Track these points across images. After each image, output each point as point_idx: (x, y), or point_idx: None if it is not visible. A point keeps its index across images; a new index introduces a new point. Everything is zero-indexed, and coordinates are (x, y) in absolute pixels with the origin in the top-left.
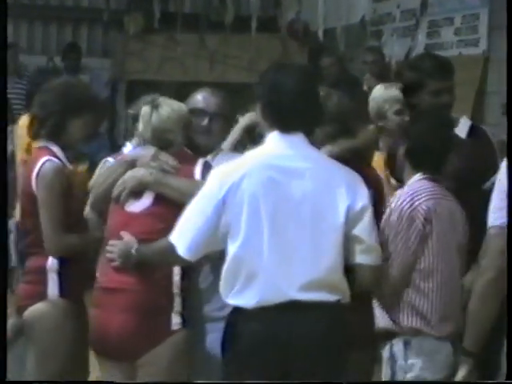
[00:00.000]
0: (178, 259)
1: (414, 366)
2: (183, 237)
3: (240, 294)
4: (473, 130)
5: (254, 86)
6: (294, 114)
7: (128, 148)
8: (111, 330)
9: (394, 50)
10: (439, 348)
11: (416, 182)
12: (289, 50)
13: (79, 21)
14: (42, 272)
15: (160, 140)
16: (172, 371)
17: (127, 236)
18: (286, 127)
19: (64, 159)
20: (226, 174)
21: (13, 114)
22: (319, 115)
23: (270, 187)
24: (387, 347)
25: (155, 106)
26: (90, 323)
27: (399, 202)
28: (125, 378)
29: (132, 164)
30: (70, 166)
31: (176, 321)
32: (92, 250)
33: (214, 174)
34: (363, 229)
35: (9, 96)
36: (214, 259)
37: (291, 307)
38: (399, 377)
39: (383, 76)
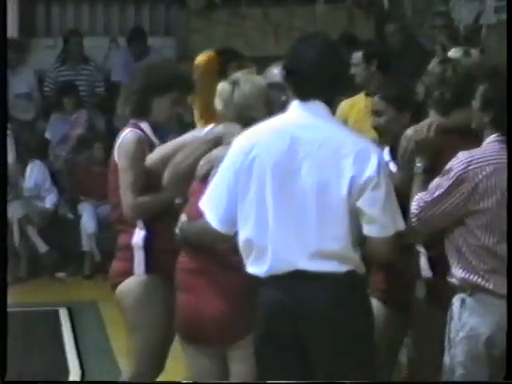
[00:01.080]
0: (216, 234)
1: (465, 325)
2: (213, 210)
3: (253, 263)
4: None
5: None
6: (311, 82)
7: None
8: (207, 315)
9: (462, 15)
10: (494, 307)
11: (486, 145)
12: (354, 20)
13: (141, 0)
14: (128, 249)
15: (243, 118)
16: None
17: (182, 215)
18: (303, 96)
19: (152, 136)
20: (241, 142)
21: (82, 101)
22: (341, 85)
23: (278, 157)
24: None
25: (235, 83)
26: (177, 308)
27: (456, 162)
28: (215, 363)
29: (216, 142)
30: (157, 143)
31: None
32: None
33: (234, 142)
34: (365, 200)
35: (77, 83)
36: None
37: (299, 276)
38: (453, 337)
39: (453, 41)
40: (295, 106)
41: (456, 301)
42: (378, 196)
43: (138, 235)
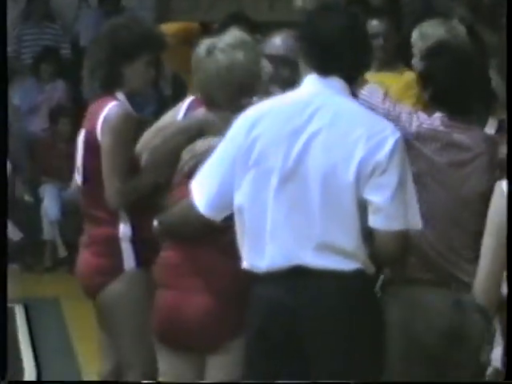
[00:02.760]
0: (200, 219)
1: None
2: (203, 193)
3: (250, 257)
4: None
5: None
6: (333, 56)
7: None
8: (185, 314)
9: None
10: None
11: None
12: None
13: None
14: (113, 242)
15: (231, 98)
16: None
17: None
18: (323, 70)
19: (130, 108)
20: (243, 121)
21: (61, 70)
22: (362, 61)
23: (283, 137)
24: None
25: (210, 51)
26: (155, 306)
27: None
28: (192, 371)
29: (199, 131)
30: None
31: None
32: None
33: (237, 120)
34: (371, 186)
35: (42, 43)
36: None
37: (301, 273)
38: None
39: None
40: (312, 80)
41: None
42: (386, 182)
43: (126, 226)
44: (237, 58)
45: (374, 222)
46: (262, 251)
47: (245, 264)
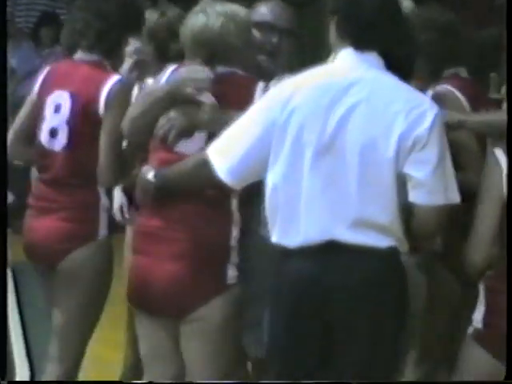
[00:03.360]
0: (213, 180)
1: None
2: (225, 155)
3: (281, 232)
4: None
5: None
6: (371, 30)
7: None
8: (157, 279)
9: None
10: None
11: None
12: None
13: None
14: (91, 208)
15: (211, 57)
16: (224, 330)
17: (145, 167)
18: (360, 44)
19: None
20: (279, 91)
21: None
22: (399, 37)
23: (319, 110)
24: None
25: (204, 13)
26: (128, 272)
27: None
28: (167, 336)
29: (173, 97)
30: None
31: (233, 274)
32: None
33: (270, 91)
34: (412, 162)
35: (37, 8)
36: None
37: (334, 248)
38: None
39: None
40: (347, 54)
41: None
42: (427, 157)
43: (104, 195)
44: (213, 24)
45: (416, 197)
46: (296, 227)
47: (274, 239)
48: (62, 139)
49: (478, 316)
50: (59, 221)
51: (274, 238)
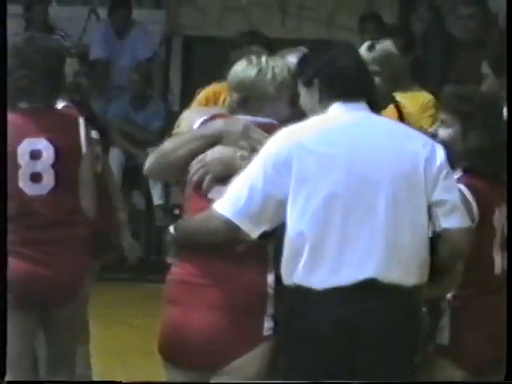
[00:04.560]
0: (221, 225)
1: None
2: (231, 200)
3: (307, 273)
4: None
5: (299, 68)
6: (356, 83)
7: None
8: (192, 330)
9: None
10: None
11: None
12: (374, 1)
13: None
14: (85, 241)
15: (257, 109)
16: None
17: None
18: (350, 96)
19: None
20: (290, 135)
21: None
22: (373, 87)
23: (336, 157)
24: None
25: (261, 66)
26: (162, 322)
27: None
28: None
29: (215, 140)
30: None
31: (268, 325)
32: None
33: (276, 135)
34: (443, 188)
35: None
36: None
37: (366, 289)
38: None
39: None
40: (339, 106)
41: None
42: (452, 183)
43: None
44: (251, 72)
45: (453, 221)
46: (325, 268)
47: (295, 280)
48: (48, 183)
49: (443, 334)
50: (70, 255)
51: (296, 280)
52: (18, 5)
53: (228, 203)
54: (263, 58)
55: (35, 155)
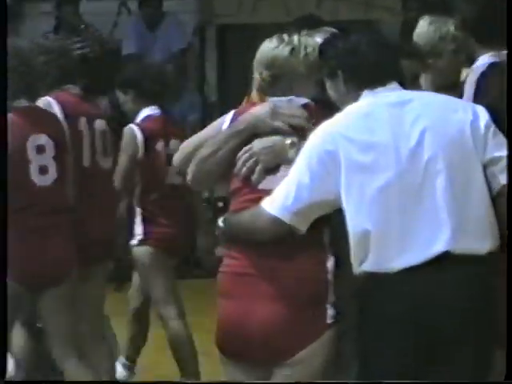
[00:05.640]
0: (269, 222)
1: None
2: (279, 198)
3: (376, 260)
4: None
5: (321, 58)
6: (382, 68)
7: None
8: (253, 323)
9: None
10: None
11: None
12: None
13: None
14: None
15: (288, 89)
16: (322, 374)
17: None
18: (377, 83)
19: None
20: (331, 128)
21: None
22: (400, 67)
23: (385, 144)
24: None
25: (294, 46)
26: (219, 317)
27: None
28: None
29: (249, 133)
30: None
31: (331, 313)
32: None
33: (317, 130)
34: (494, 145)
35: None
36: None
37: (440, 263)
38: None
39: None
40: (370, 93)
41: None
42: (503, 140)
43: None
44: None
45: (506, 177)
46: (396, 250)
47: (367, 269)
48: (52, 174)
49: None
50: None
51: (366, 268)
52: (48, 3)
53: (276, 201)
54: (295, 37)
55: (40, 149)
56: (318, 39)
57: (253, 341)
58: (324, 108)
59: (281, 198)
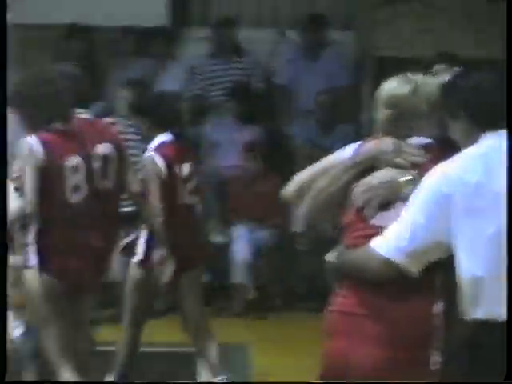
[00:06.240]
0: (382, 264)
1: None
2: (392, 239)
3: (490, 307)
4: None
5: (444, 98)
6: (499, 108)
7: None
8: (358, 363)
9: None
10: None
11: None
12: None
13: None
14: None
15: (408, 127)
16: None
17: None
18: (499, 126)
19: None
20: (448, 169)
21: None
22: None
23: (497, 186)
24: None
25: (416, 84)
26: (324, 354)
27: None
28: None
29: (367, 165)
30: None
31: (436, 359)
32: None
33: (433, 170)
34: None
35: (224, 79)
36: None
37: None
38: None
39: None
40: (492, 137)
41: None
42: None
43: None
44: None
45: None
46: (500, 297)
47: (480, 315)
48: (83, 192)
49: None
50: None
51: (479, 315)
52: (204, 28)
53: (389, 242)
54: (418, 76)
55: (75, 170)
56: (442, 78)
57: (356, 379)
58: (445, 148)
59: (394, 239)
